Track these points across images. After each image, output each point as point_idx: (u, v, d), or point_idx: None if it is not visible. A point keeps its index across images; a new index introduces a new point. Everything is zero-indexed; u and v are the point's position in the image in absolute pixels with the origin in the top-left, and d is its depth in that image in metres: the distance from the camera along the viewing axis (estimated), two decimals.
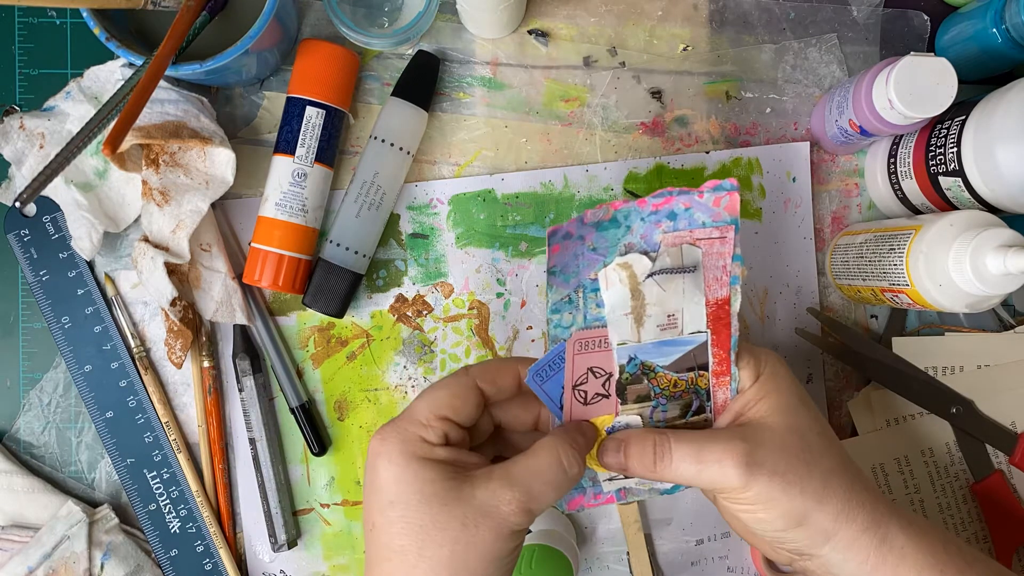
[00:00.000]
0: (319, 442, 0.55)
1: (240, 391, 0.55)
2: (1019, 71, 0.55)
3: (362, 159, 0.54)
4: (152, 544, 0.55)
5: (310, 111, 0.52)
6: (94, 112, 0.49)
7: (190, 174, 0.51)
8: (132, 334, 0.55)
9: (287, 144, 0.52)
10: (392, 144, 0.53)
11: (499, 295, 0.56)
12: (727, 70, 0.57)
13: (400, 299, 0.56)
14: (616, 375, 0.40)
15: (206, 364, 0.55)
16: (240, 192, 0.55)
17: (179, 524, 0.55)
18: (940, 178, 0.48)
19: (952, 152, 0.46)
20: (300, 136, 0.52)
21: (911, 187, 0.51)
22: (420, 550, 0.34)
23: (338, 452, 0.56)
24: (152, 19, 0.50)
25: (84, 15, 0.46)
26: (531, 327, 0.56)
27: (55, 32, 0.55)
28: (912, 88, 0.45)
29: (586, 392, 0.40)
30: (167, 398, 0.56)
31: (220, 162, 0.51)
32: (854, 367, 0.56)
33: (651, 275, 0.39)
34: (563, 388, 0.40)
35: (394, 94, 0.54)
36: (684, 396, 0.41)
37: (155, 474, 0.55)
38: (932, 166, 0.48)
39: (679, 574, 0.57)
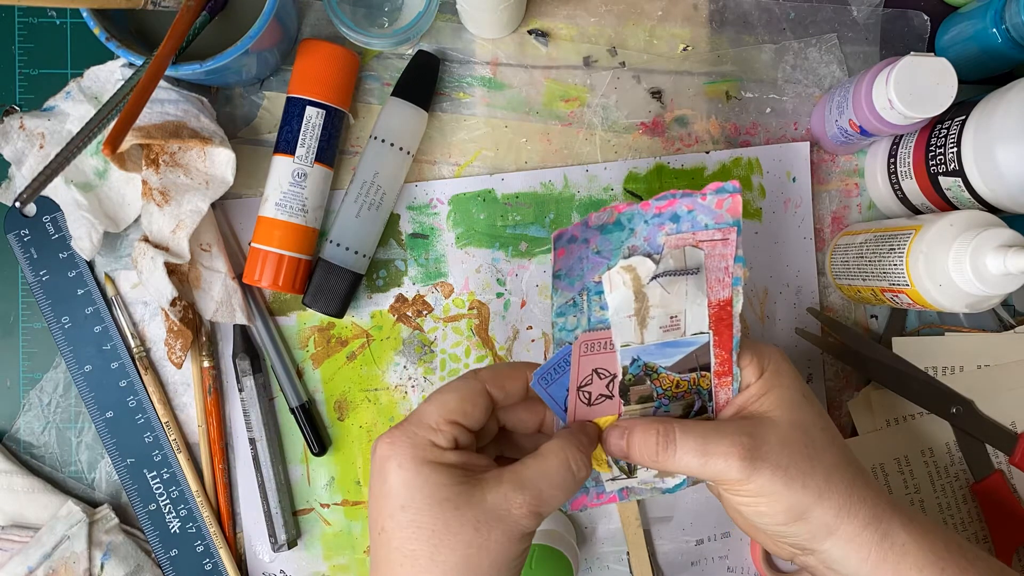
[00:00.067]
0: (319, 442, 0.55)
1: (240, 391, 0.55)
2: (1019, 71, 0.55)
3: (362, 159, 0.54)
4: (152, 544, 0.55)
5: (310, 111, 0.52)
6: (94, 112, 0.49)
7: (190, 174, 0.51)
8: (132, 334, 0.55)
9: (287, 144, 0.52)
10: (392, 144, 0.53)
11: (499, 295, 0.56)
12: (727, 70, 0.57)
13: (400, 299, 0.56)
14: (619, 376, 0.40)
15: (206, 364, 0.55)
16: (240, 192, 0.55)
17: (179, 524, 0.55)
18: (940, 178, 0.48)
19: (952, 152, 0.46)
20: (300, 136, 0.52)
21: (911, 187, 0.51)
22: (432, 555, 0.34)
23: (338, 452, 0.56)
24: (152, 19, 0.50)
25: (84, 15, 0.46)
26: (531, 327, 0.56)
27: (55, 32, 0.55)
28: (912, 88, 0.45)
29: (590, 393, 0.40)
30: (167, 398, 0.56)
31: (220, 162, 0.51)
32: (854, 367, 0.56)
33: (655, 277, 0.39)
34: (567, 390, 0.40)
35: (394, 94, 0.54)
36: (686, 397, 0.41)
37: (155, 474, 0.55)
38: (932, 166, 0.48)
39: (679, 574, 0.57)
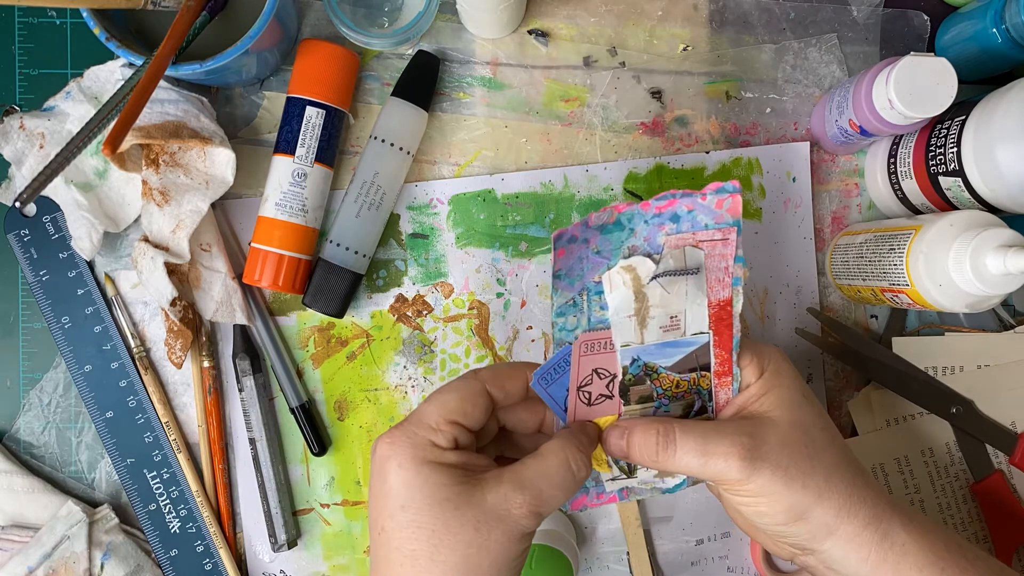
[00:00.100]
0: (319, 442, 0.55)
1: (240, 391, 0.55)
2: (1019, 71, 0.55)
3: (362, 159, 0.54)
4: (152, 544, 0.55)
5: (310, 111, 0.52)
6: (94, 112, 0.49)
7: (190, 174, 0.51)
8: (132, 334, 0.55)
9: (287, 144, 0.52)
10: (392, 144, 0.53)
11: (499, 295, 0.56)
12: (727, 70, 0.57)
13: (400, 299, 0.56)
14: (619, 376, 0.40)
15: (206, 364, 0.55)
16: (240, 192, 0.55)
17: (179, 524, 0.55)
18: (940, 178, 0.48)
19: (952, 152, 0.46)
20: (300, 136, 0.52)
21: (911, 187, 0.51)
22: (432, 555, 0.34)
23: (338, 452, 0.56)
24: (152, 19, 0.50)
25: (84, 15, 0.46)
26: (531, 327, 0.56)
27: (55, 32, 0.55)
28: (912, 88, 0.45)
29: (590, 393, 0.40)
30: (167, 398, 0.56)
31: (220, 162, 0.51)
32: (854, 367, 0.56)
33: (655, 277, 0.38)
34: (567, 390, 0.40)
35: (394, 94, 0.54)
36: (686, 397, 0.41)
37: (155, 474, 0.55)
38: (932, 166, 0.48)
39: (679, 574, 0.57)
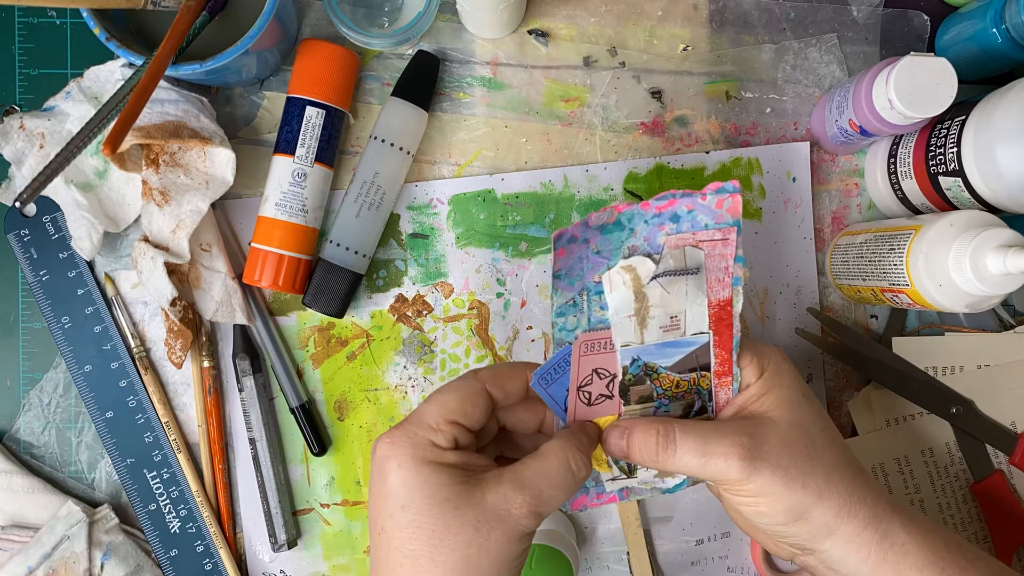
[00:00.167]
0: (319, 442, 0.55)
1: (240, 391, 0.55)
2: (1019, 71, 0.55)
3: (362, 159, 0.54)
4: (152, 544, 0.55)
5: (310, 111, 0.52)
6: (94, 112, 0.49)
7: (190, 174, 0.51)
8: (132, 334, 0.55)
9: (287, 144, 0.52)
10: (392, 144, 0.53)
11: (499, 295, 0.56)
12: (727, 70, 0.57)
13: (400, 299, 0.56)
14: (619, 376, 0.40)
15: (206, 364, 0.55)
16: (240, 192, 0.55)
17: (179, 524, 0.55)
18: (940, 178, 0.48)
19: (952, 152, 0.46)
20: (300, 136, 0.52)
21: (911, 187, 0.51)
22: (432, 555, 0.34)
23: (338, 452, 0.56)
24: (152, 19, 0.50)
25: (84, 15, 0.46)
26: (531, 327, 0.56)
27: (55, 32, 0.55)
28: (912, 88, 0.45)
29: (590, 393, 0.40)
30: (167, 398, 0.56)
31: (220, 162, 0.51)
32: (854, 367, 0.56)
33: (655, 277, 0.38)
34: (567, 390, 0.40)
35: (394, 94, 0.54)
36: (686, 397, 0.41)
37: (155, 474, 0.55)
38: (932, 166, 0.48)
39: (679, 574, 0.57)
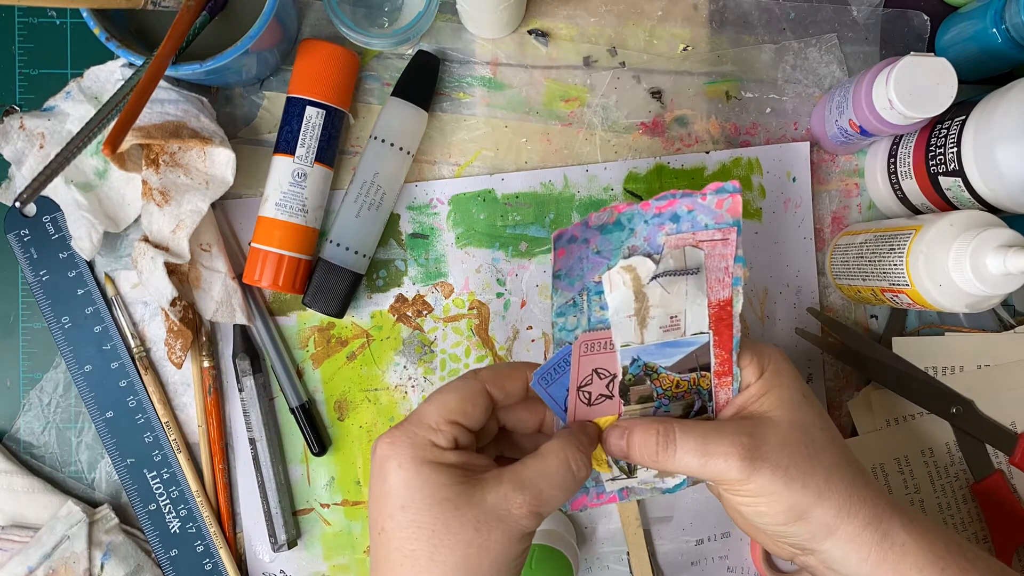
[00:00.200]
0: (319, 442, 0.55)
1: (240, 391, 0.55)
2: (1019, 71, 0.55)
3: (362, 159, 0.54)
4: (152, 544, 0.55)
5: (310, 111, 0.52)
6: (94, 112, 0.49)
7: (190, 174, 0.51)
8: (132, 334, 0.55)
9: (287, 144, 0.52)
10: (392, 144, 0.53)
11: (499, 295, 0.56)
12: (727, 70, 0.57)
13: (400, 299, 0.56)
14: (619, 376, 0.40)
15: (206, 364, 0.55)
16: (240, 192, 0.55)
17: (179, 524, 0.55)
18: (940, 178, 0.48)
19: (952, 152, 0.46)
20: (300, 136, 0.52)
21: (911, 187, 0.51)
22: (432, 555, 0.34)
23: (338, 452, 0.56)
24: (152, 19, 0.50)
25: (84, 15, 0.46)
26: (531, 327, 0.56)
27: (55, 32, 0.55)
28: (912, 88, 0.45)
29: (590, 393, 0.40)
30: (167, 398, 0.56)
31: (220, 162, 0.51)
32: (854, 367, 0.56)
33: (655, 277, 0.38)
34: (567, 390, 0.40)
35: (394, 94, 0.54)
36: (686, 397, 0.41)
37: (155, 474, 0.55)
38: (932, 166, 0.48)
39: (679, 574, 0.57)
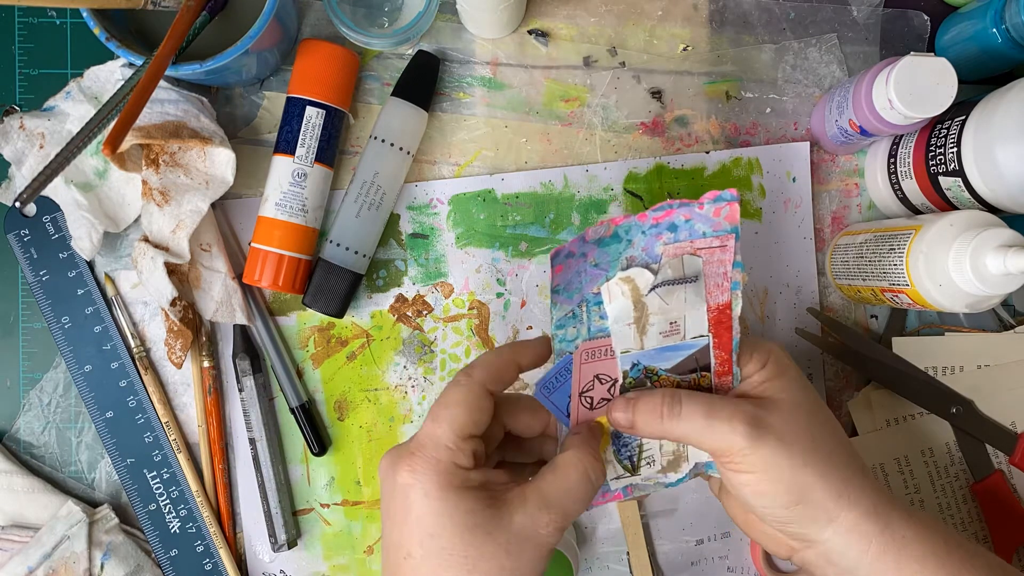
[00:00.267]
0: (319, 442, 0.55)
1: (240, 391, 0.55)
2: (1019, 71, 0.55)
3: (362, 159, 0.54)
4: (152, 544, 0.55)
5: (310, 111, 0.52)
6: (94, 112, 0.49)
7: (190, 174, 0.51)
8: (132, 334, 0.55)
9: (287, 144, 0.52)
10: (392, 144, 0.53)
11: (499, 295, 0.56)
12: (727, 70, 0.57)
13: (400, 299, 0.56)
14: (620, 380, 0.40)
15: (206, 364, 0.55)
16: (240, 192, 0.55)
17: (179, 524, 0.55)
18: (940, 178, 0.48)
19: (952, 152, 0.46)
20: (300, 136, 0.52)
21: (911, 187, 0.51)
22: None
23: (338, 452, 0.56)
24: (152, 19, 0.50)
25: (84, 15, 0.46)
26: (531, 327, 0.56)
27: (55, 32, 0.55)
28: (912, 88, 0.45)
29: (592, 398, 0.41)
30: (167, 398, 0.56)
31: (220, 162, 0.51)
32: (854, 367, 0.56)
33: (653, 288, 0.39)
34: (570, 397, 0.41)
35: (394, 94, 0.54)
36: None
37: (155, 474, 0.55)
38: (932, 166, 0.48)
39: (679, 574, 0.57)
